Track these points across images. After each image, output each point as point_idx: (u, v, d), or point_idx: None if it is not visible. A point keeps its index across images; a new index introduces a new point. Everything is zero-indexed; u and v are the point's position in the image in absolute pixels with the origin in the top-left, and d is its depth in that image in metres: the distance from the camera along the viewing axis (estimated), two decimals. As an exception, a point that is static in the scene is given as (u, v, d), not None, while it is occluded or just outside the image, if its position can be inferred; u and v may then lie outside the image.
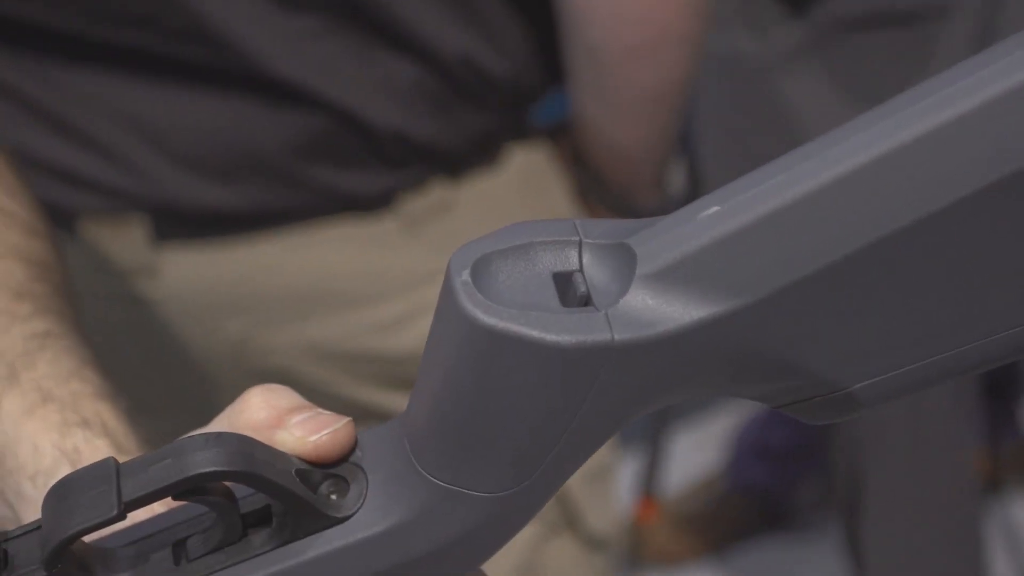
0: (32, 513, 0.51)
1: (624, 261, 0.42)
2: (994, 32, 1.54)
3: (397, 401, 1.05)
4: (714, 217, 0.41)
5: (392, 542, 0.45)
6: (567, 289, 0.43)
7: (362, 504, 0.45)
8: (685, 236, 0.41)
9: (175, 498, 0.44)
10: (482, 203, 1.04)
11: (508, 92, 1.03)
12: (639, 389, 0.42)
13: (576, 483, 1.11)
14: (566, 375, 0.41)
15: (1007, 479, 2.16)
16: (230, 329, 1.03)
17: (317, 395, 1.04)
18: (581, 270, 0.43)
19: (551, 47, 1.04)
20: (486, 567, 0.62)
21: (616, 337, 0.40)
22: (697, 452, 2.31)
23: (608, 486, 1.16)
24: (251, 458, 0.44)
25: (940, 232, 0.40)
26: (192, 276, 1.02)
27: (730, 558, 2.23)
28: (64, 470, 0.55)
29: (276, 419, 0.47)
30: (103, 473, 0.44)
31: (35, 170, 0.97)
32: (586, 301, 0.42)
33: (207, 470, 0.43)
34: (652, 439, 2.15)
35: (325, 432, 0.46)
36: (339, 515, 0.45)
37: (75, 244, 1.03)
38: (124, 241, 1.01)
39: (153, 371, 1.06)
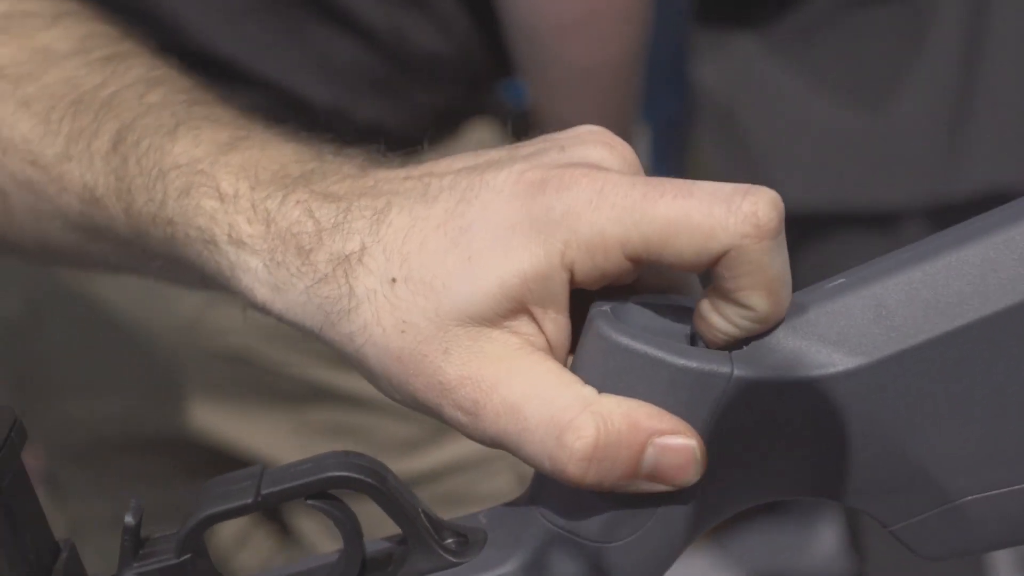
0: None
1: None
2: (988, 5, 1.52)
3: (349, 381, 1.05)
4: (838, 286, 0.44)
5: None
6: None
7: (480, 552, 0.48)
8: (809, 300, 0.44)
9: (307, 500, 0.47)
10: (437, 183, 1.03)
11: (457, 70, 1.02)
12: (748, 445, 0.44)
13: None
14: (685, 399, 0.44)
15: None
16: (186, 307, 1.03)
17: (272, 375, 1.04)
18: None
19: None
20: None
21: (736, 372, 0.43)
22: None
23: None
24: (382, 477, 0.47)
25: None
26: (144, 254, 1.02)
27: (729, 542, 2.22)
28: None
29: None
30: (250, 473, 0.48)
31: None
32: None
33: (339, 474, 0.46)
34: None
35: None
36: (455, 559, 0.48)
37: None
38: None
39: (108, 349, 1.06)
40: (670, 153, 1.98)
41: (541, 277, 0.46)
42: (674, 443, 0.44)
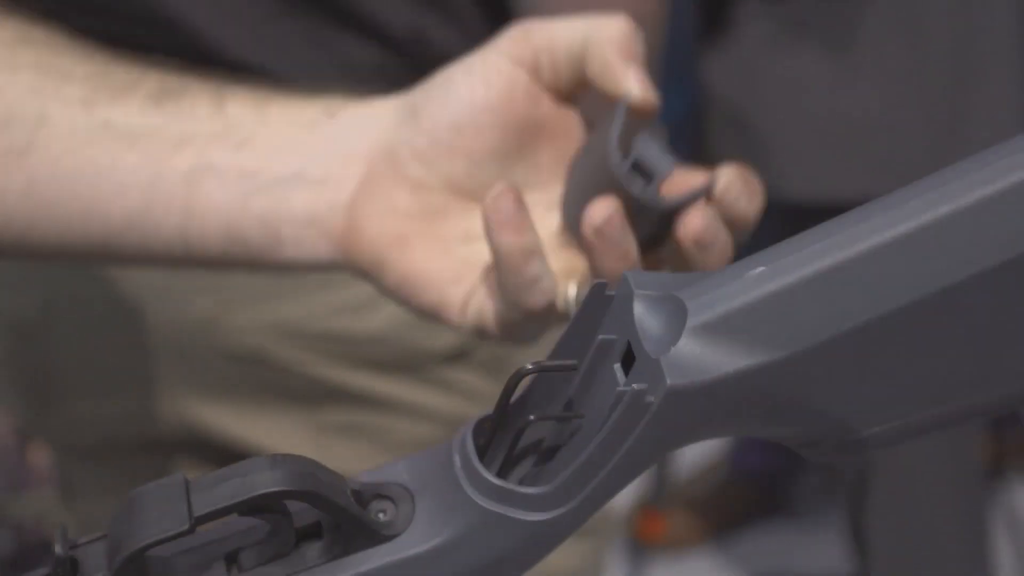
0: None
1: (675, 313, 0.47)
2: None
3: (366, 381, 1.05)
4: (760, 276, 0.46)
5: (437, 560, 0.49)
6: None
7: (410, 524, 0.49)
8: (733, 292, 0.46)
9: (240, 514, 0.47)
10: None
11: None
12: (679, 428, 0.47)
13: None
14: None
15: (1010, 466, 2.15)
16: (199, 307, 1.03)
17: (286, 375, 1.05)
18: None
19: None
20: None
21: (669, 382, 0.45)
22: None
23: None
24: (313, 478, 0.47)
25: (961, 301, 0.46)
26: (161, 255, 1.02)
27: (731, 544, 2.22)
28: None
29: None
30: (174, 489, 0.47)
31: None
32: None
33: (273, 490, 0.47)
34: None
35: None
36: (388, 533, 0.49)
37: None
38: None
39: (125, 348, 1.07)
40: (680, 156, 1.98)
41: None
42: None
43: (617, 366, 0.48)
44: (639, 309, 0.47)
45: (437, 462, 0.50)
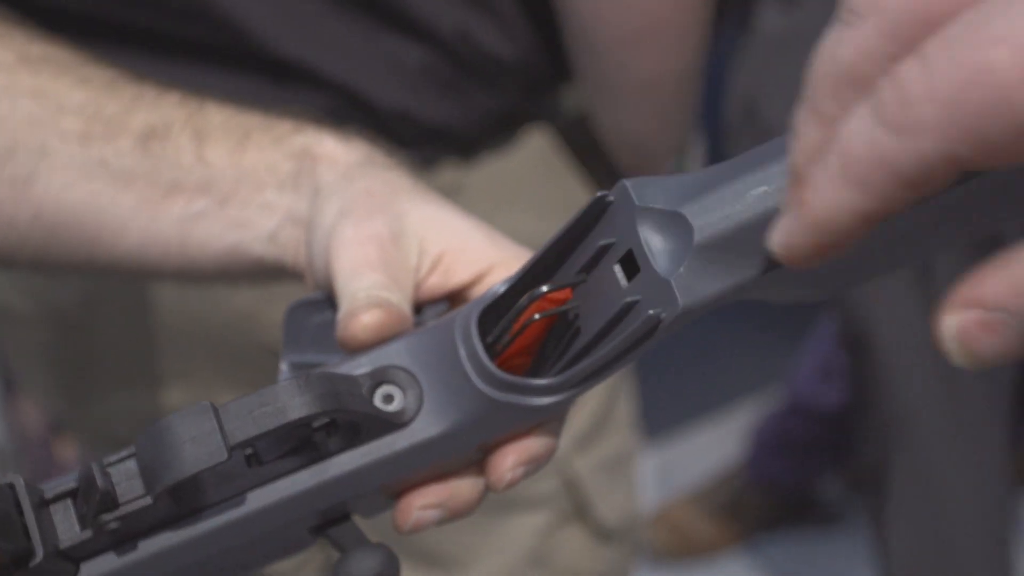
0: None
1: (681, 231, 0.48)
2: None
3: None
4: (763, 196, 0.47)
5: (448, 441, 0.53)
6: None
7: (420, 410, 0.52)
8: (738, 212, 0.48)
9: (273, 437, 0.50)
10: (493, 186, 1.04)
11: (519, 75, 1.03)
12: (677, 327, 0.50)
13: (588, 473, 1.11)
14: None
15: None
16: (238, 301, 1.04)
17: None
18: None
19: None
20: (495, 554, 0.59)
21: (681, 303, 0.48)
22: (718, 446, 2.31)
23: (622, 478, 1.15)
24: (336, 395, 0.50)
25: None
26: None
27: (751, 551, 2.22)
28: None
29: None
30: (204, 416, 0.49)
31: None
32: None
33: (304, 415, 0.49)
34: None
35: None
36: (401, 421, 0.52)
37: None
38: None
39: (164, 341, 1.08)
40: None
41: None
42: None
43: (617, 267, 0.50)
44: (643, 223, 0.49)
45: (439, 346, 0.53)
